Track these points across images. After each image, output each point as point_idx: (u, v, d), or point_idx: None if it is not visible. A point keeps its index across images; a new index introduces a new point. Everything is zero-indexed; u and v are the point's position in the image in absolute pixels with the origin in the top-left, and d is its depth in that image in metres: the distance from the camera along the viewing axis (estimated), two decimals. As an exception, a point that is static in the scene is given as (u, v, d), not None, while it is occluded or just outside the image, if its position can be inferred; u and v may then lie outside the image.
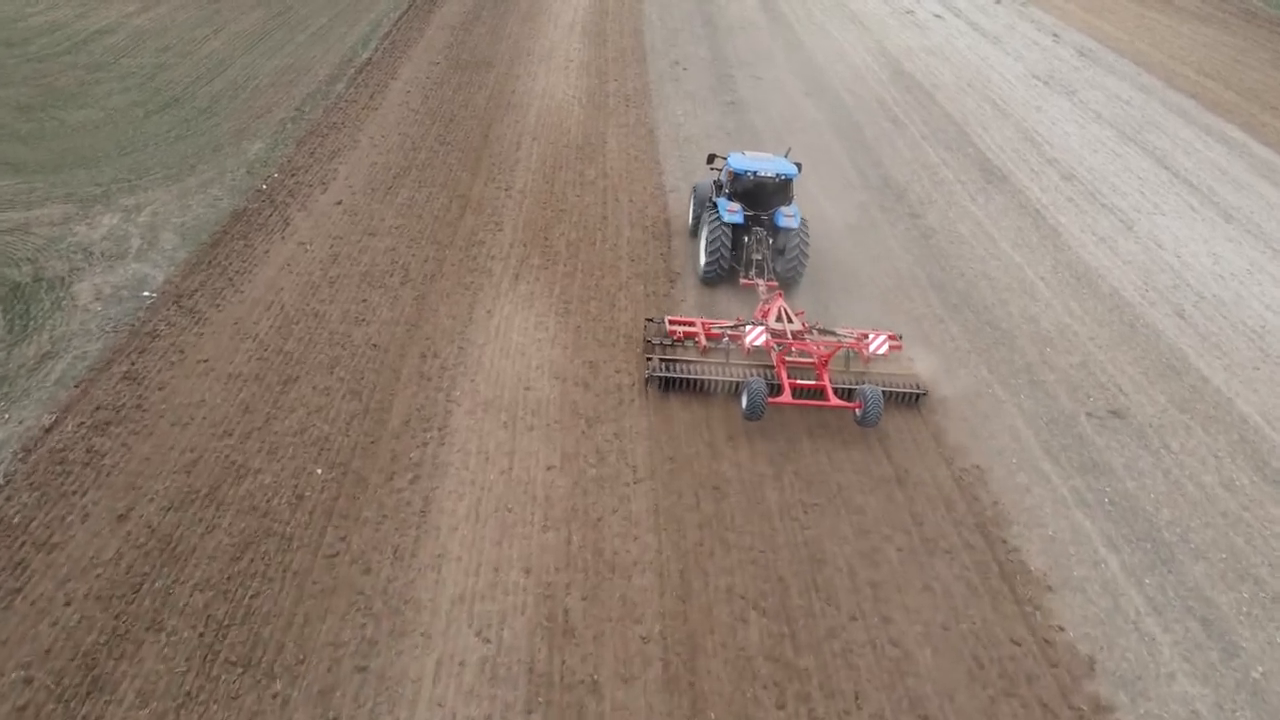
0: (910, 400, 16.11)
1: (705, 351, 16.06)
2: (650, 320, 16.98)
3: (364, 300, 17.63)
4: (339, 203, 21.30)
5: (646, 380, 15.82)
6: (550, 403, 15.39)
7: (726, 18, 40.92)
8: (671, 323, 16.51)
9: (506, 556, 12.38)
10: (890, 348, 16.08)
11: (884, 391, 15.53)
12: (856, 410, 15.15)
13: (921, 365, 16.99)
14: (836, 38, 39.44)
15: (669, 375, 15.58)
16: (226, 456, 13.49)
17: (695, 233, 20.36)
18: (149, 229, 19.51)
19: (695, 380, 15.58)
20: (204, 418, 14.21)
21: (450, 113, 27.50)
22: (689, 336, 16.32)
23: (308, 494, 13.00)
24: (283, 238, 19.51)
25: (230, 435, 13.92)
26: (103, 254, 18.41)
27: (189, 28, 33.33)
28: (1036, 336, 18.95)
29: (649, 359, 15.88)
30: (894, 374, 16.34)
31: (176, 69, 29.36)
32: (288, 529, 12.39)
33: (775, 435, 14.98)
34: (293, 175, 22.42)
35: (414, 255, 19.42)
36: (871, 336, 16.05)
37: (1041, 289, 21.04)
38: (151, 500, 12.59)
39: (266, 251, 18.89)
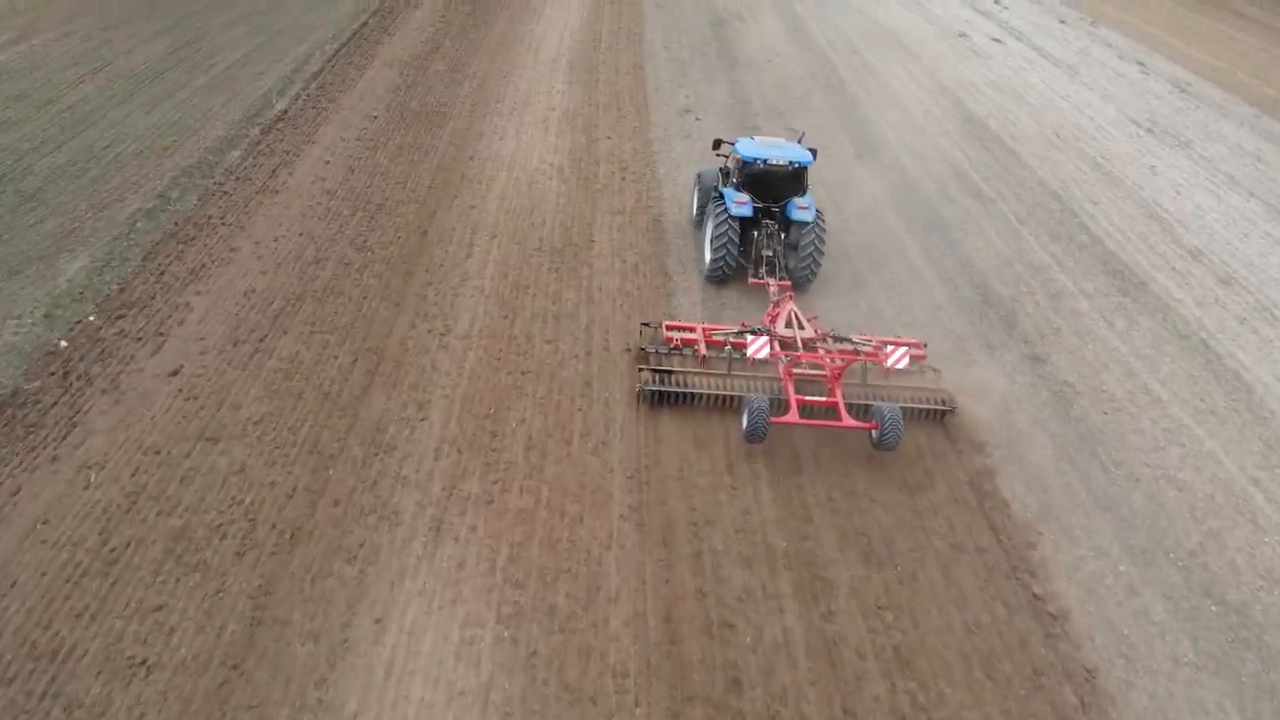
0: (935, 417, 14.38)
1: (704, 362, 14.63)
2: (646, 324, 15.65)
3: (156, 609, 10.06)
4: (175, 372, 13.77)
5: (638, 394, 14.11)
6: None
7: (746, 47, 33.37)
8: (669, 328, 15.10)
9: None
10: (913, 358, 14.40)
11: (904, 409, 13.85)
12: (872, 432, 13.43)
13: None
14: (883, 72, 31.92)
15: (662, 389, 14.00)
16: None
17: (700, 226, 18.85)
18: None
19: (690, 394, 14.04)
20: None
21: (380, 196, 20.00)
22: (687, 344, 14.80)
23: None
24: (56, 457, 11.95)
25: None
26: None
27: (63, 66, 25.80)
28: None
29: (640, 369, 14.32)
30: (918, 387, 14.60)
31: (22, 127, 21.84)
32: None
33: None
34: (118, 318, 14.87)
35: (271, 486, 11.87)
36: (891, 348, 14.19)
37: (1263, 508, 13.59)
38: None
39: (16, 493, 11.36)
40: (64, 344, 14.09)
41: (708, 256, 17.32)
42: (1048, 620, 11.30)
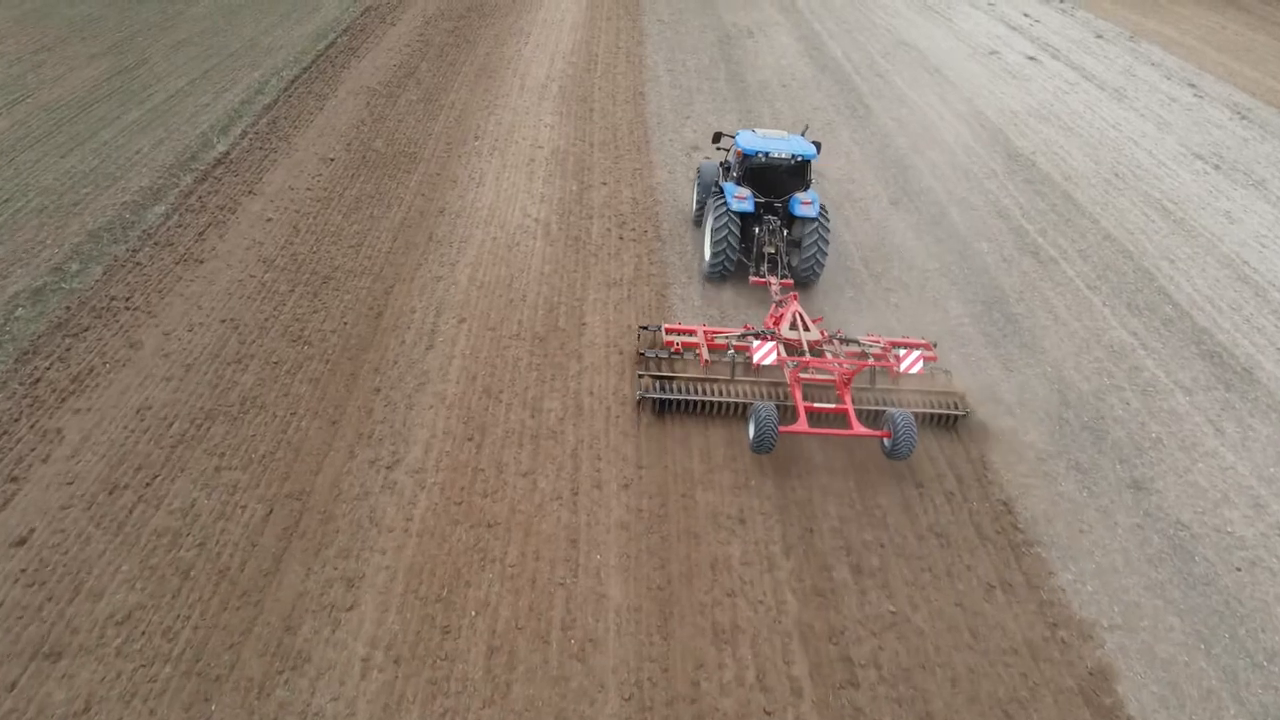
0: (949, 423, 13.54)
1: (707, 366, 13.87)
2: (645, 328, 14.95)
3: None
4: (22, 541, 10.29)
5: (638, 402, 13.28)
6: None
7: (759, 69, 29.96)
8: (669, 331, 14.48)
9: None
10: (925, 362, 13.79)
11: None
12: (885, 440, 12.53)
13: None
14: (913, 98, 28.52)
15: (663, 396, 13.14)
16: None
17: (700, 222, 18.45)
18: None
19: (693, 402, 13.22)
20: None
21: (328, 266, 16.61)
22: (689, 348, 14.23)
23: None
24: None
25: None
26: None
27: (-21, 96, 22.45)
28: None
29: (640, 376, 13.58)
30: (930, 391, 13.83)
31: (-90, 177, 18.49)
32: None
33: None
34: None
35: (129, 730, 8.52)
36: (904, 351, 13.71)
37: None
38: None
39: None
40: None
41: (707, 254, 16.60)
42: None
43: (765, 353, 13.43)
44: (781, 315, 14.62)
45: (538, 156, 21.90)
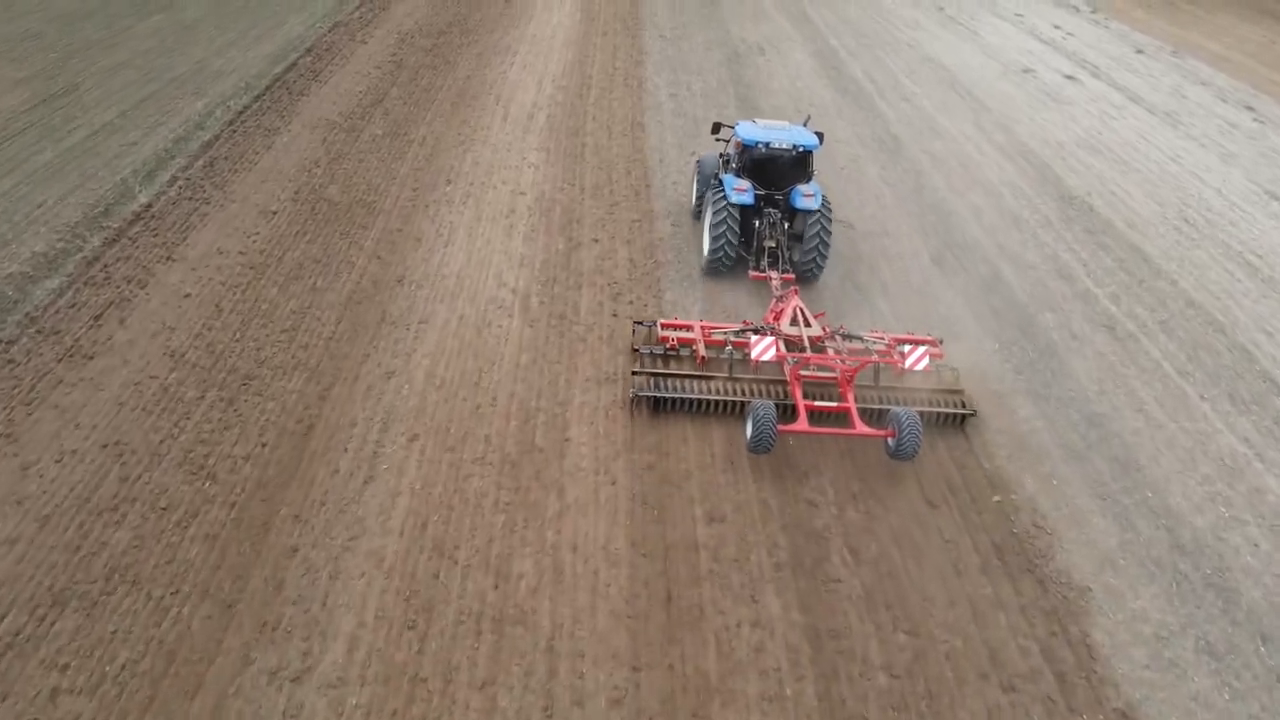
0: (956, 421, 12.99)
1: (704, 364, 13.36)
2: (640, 324, 14.15)
3: None
4: None
5: (632, 400, 12.68)
6: None
7: (773, 93, 26.74)
8: (664, 327, 13.87)
9: None
10: (930, 357, 13.28)
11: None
12: (889, 439, 11.97)
13: None
14: (946, 126, 25.33)
15: (656, 394, 12.64)
16: None
17: (699, 215, 17.69)
18: None
19: (690, 400, 12.68)
20: None
21: (251, 361, 13.39)
22: (685, 344, 13.58)
23: None
24: None
25: None
26: None
27: None
28: None
29: (634, 374, 13.08)
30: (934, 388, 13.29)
31: None
32: None
33: None
34: None
35: None
36: (909, 347, 13.15)
37: None
38: None
39: None
40: None
41: (705, 248, 16.20)
42: None
43: (764, 349, 13.07)
44: (782, 310, 14.12)
45: (519, 205, 18.72)
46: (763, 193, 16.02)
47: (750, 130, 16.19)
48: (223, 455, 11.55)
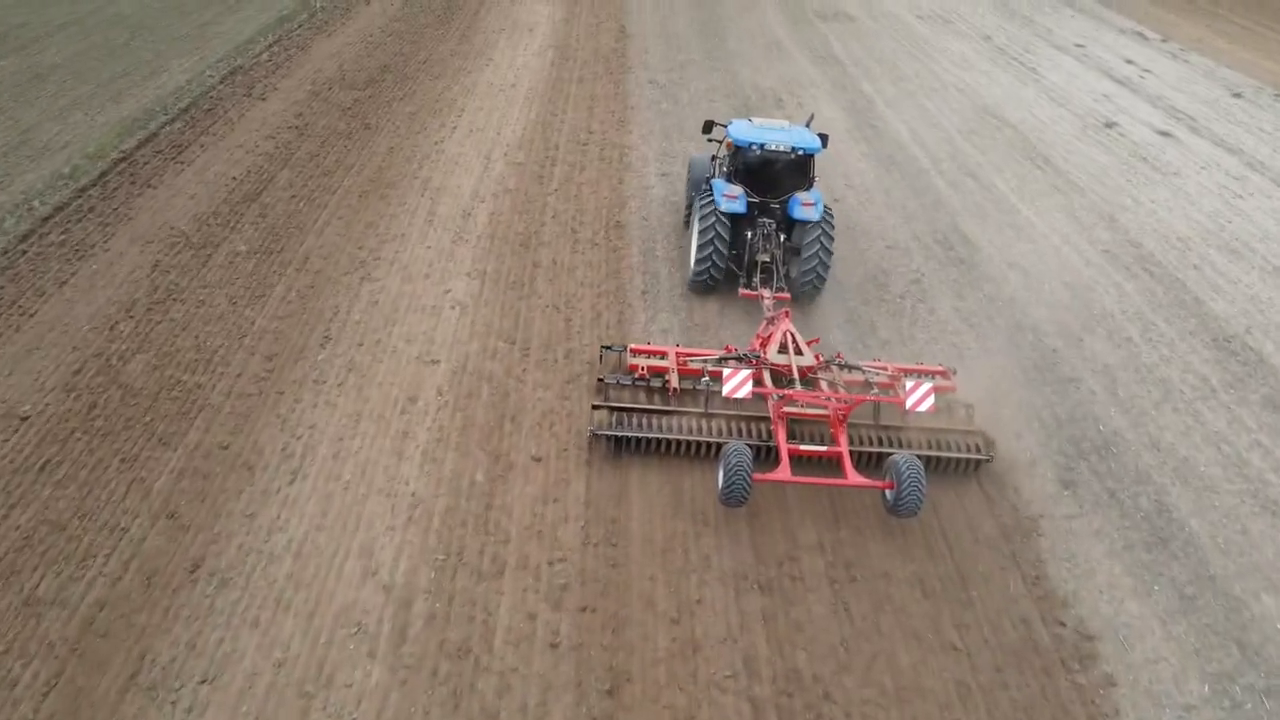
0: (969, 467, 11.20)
1: (677, 396, 11.70)
2: (608, 348, 12.49)
3: None
4: None
5: (591, 436, 11.02)
6: None
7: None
8: (634, 352, 12.28)
9: None
10: (939, 391, 11.48)
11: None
12: (886, 491, 10.20)
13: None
14: (1029, 218, 18.86)
15: (619, 434, 10.89)
16: None
17: (688, 224, 15.90)
18: None
19: (656, 440, 10.97)
20: None
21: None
22: (657, 373, 11.87)
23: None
24: None
25: None
26: None
27: None
28: None
29: (596, 407, 11.40)
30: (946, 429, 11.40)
31: None
32: None
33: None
34: None
35: None
36: (912, 384, 11.02)
37: None
38: None
39: None
40: None
41: (691, 259, 14.50)
42: None
43: (737, 384, 10.93)
44: (770, 336, 12.40)
45: (425, 388, 12.24)
46: (756, 200, 14.50)
47: (744, 130, 14.65)
48: None
